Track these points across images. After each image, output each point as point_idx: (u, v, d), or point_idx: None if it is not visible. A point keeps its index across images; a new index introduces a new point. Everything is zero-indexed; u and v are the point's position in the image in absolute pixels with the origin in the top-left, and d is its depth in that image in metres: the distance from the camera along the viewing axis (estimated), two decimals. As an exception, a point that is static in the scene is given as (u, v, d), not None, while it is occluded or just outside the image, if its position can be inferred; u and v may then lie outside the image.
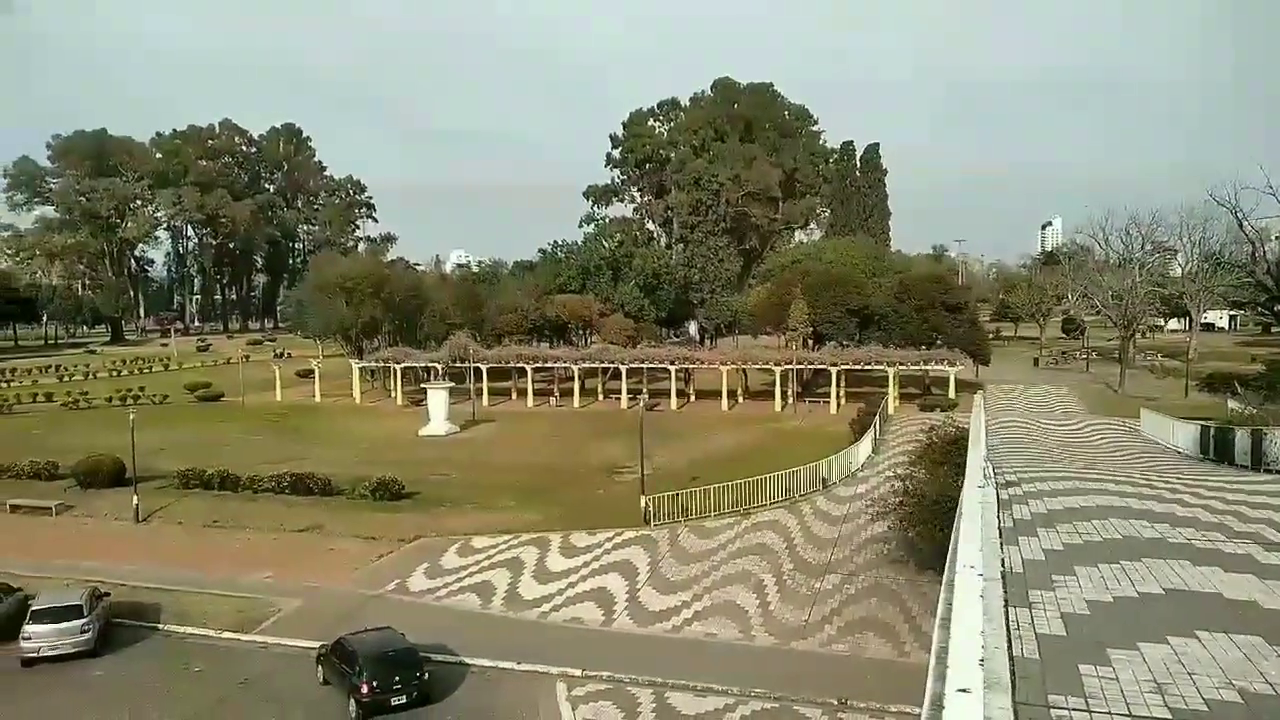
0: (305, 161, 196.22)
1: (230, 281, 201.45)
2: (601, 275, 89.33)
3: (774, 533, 33.73)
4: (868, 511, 32.62)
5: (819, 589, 28.41)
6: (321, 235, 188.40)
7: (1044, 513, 14.52)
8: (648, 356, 70.38)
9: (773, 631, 25.74)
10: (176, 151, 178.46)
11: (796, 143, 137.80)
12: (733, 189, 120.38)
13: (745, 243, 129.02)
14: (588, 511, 37.74)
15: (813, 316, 69.23)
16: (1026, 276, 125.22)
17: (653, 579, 30.05)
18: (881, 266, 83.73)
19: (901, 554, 29.39)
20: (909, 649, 23.81)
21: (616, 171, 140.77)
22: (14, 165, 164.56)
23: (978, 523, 10.32)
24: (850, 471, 41.76)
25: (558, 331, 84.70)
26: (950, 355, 64.61)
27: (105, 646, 25.93)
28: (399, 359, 75.18)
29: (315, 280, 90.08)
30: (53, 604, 25.86)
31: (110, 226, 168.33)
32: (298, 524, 37.17)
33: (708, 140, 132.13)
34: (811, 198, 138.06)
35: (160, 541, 36.03)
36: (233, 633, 27.05)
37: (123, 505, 39.13)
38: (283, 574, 31.58)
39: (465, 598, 29.34)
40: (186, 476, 42.33)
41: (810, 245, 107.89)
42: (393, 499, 39.55)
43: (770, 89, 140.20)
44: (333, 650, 23.07)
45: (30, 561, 32.87)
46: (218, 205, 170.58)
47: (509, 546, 33.58)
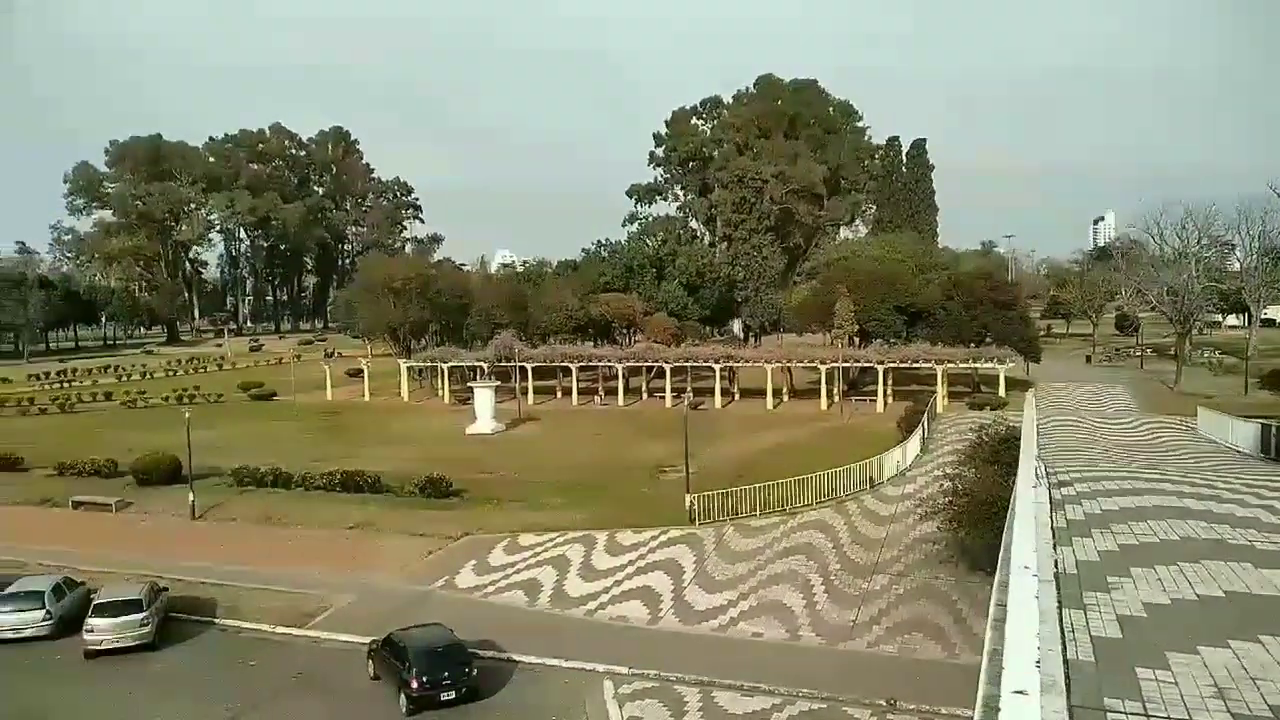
0: (353, 164, 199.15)
1: (281, 283, 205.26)
2: (645, 274, 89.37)
3: (820, 532, 33.52)
4: (916, 511, 32.28)
5: (867, 589, 28.19)
6: (369, 236, 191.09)
7: (1098, 513, 14.25)
8: (691, 355, 70.30)
9: (820, 632, 25.59)
10: (228, 155, 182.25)
11: (841, 139, 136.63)
12: (777, 186, 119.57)
13: (789, 240, 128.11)
14: (633, 510, 37.82)
15: (859, 314, 68.56)
16: (1078, 272, 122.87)
17: (699, 578, 30.04)
18: (929, 263, 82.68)
19: (950, 554, 29.04)
20: (959, 650, 23.53)
21: (659, 170, 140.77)
22: (74, 171, 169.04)
23: (1032, 523, 10.18)
24: (898, 471, 41.33)
25: (602, 330, 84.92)
26: (1000, 353, 63.67)
27: (163, 640, 26.62)
28: (446, 358, 76.01)
29: (364, 281, 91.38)
30: (114, 598, 26.62)
31: (166, 230, 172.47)
32: (348, 521, 37.77)
33: (751, 138, 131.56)
34: (856, 194, 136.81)
35: (215, 538, 36.84)
36: (286, 627, 27.59)
37: (179, 502, 40.07)
38: (334, 570, 32.11)
39: (512, 595, 29.58)
40: (241, 474, 43.19)
41: (856, 242, 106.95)
42: (441, 496, 39.98)
43: (814, 85, 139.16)
44: (383, 645, 23.43)
45: (92, 556, 33.85)
46: (269, 208, 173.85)
47: (555, 544, 33.79)
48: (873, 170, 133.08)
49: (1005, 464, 28.22)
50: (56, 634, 26.86)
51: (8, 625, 26.78)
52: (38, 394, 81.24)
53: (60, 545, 35.57)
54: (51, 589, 27.94)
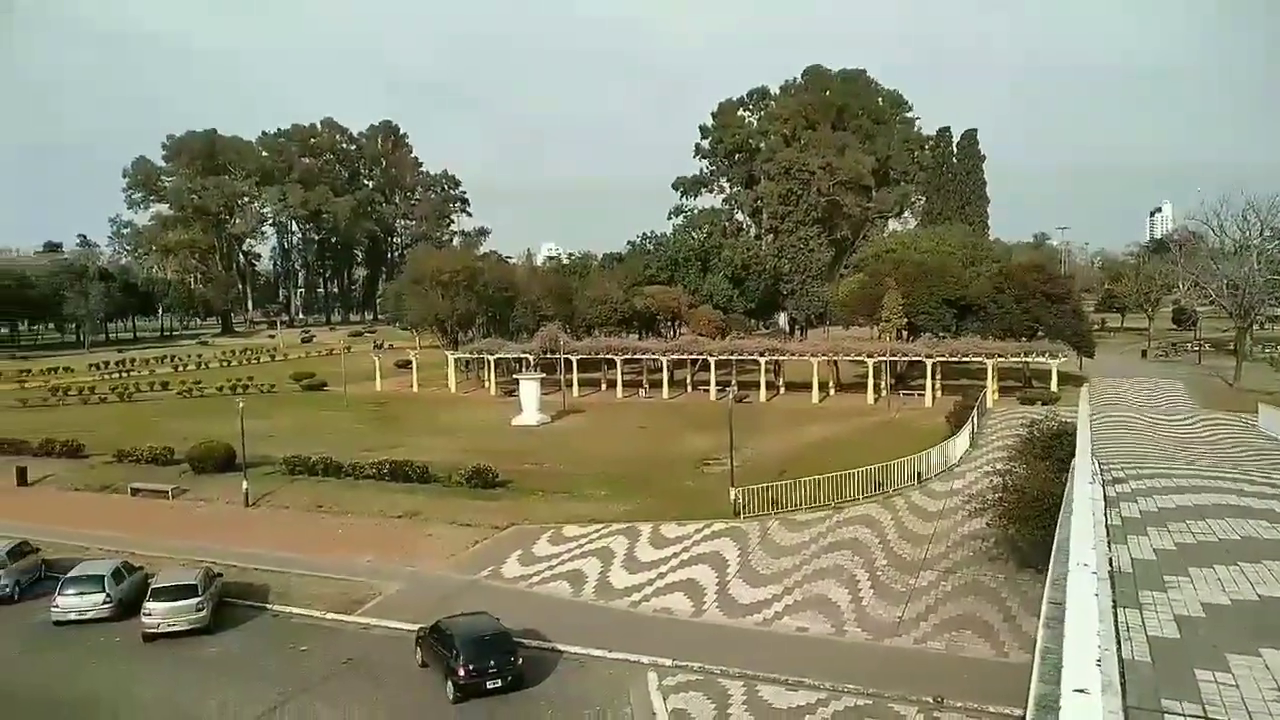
0: (403, 158, 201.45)
1: (332, 275, 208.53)
2: (690, 266, 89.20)
3: (867, 527, 33.22)
4: (965, 507, 31.83)
5: (914, 585, 27.88)
6: (418, 230, 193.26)
7: (1154, 511, 13.93)
8: (736, 348, 70.02)
9: (866, 627, 25.38)
10: (281, 150, 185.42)
11: (890, 130, 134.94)
12: (824, 178, 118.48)
13: (836, 232, 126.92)
14: (677, 502, 37.82)
15: (907, 307, 67.76)
16: (1134, 265, 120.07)
17: (743, 571, 29.96)
18: (979, 255, 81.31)
19: (1000, 551, 28.60)
20: (1008, 649, 23.18)
21: (705, 162, 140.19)
22: (132, 165, 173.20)
23: (1089, 519, 9.98)
24: (946, 466, 40.79)
25: (646, 323, 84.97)
26: (1052, 347, 62.56)
27: (218, 624, 27.25)
28: (492, 350, 76.65)
29: (412, 273, 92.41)
30: (170, 583, 27.32)
31: (220, 223, 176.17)
32: (397, 510, 38.29)
33: (798, 129, 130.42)
34: (906, 185, 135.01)
35: (268, 525, 37.61)
36: (336, 614, 28.07)
37: (233, 489, 40.95)
38: (383, 558, 32.60)
39: (557, 585, 29.77)
40: (292, 463, 43.99)
41: (904, 234, 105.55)
42: (487, 487, 40.35)
43: (863, 75, 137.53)
44: (431, 633, 23.73)
45: (149, 542, 34.77)
46: (320, 201, 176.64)
47: (599, 536, 33.93)
48: (922, 161, 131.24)
49: (1057, 460, 27.74)
50: (116, 617, 27.64)
51: (71, 608, 27.62)
52: (98, 383, 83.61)
53: (119, 531, 36.61)
54: (111, 573, 28.74)
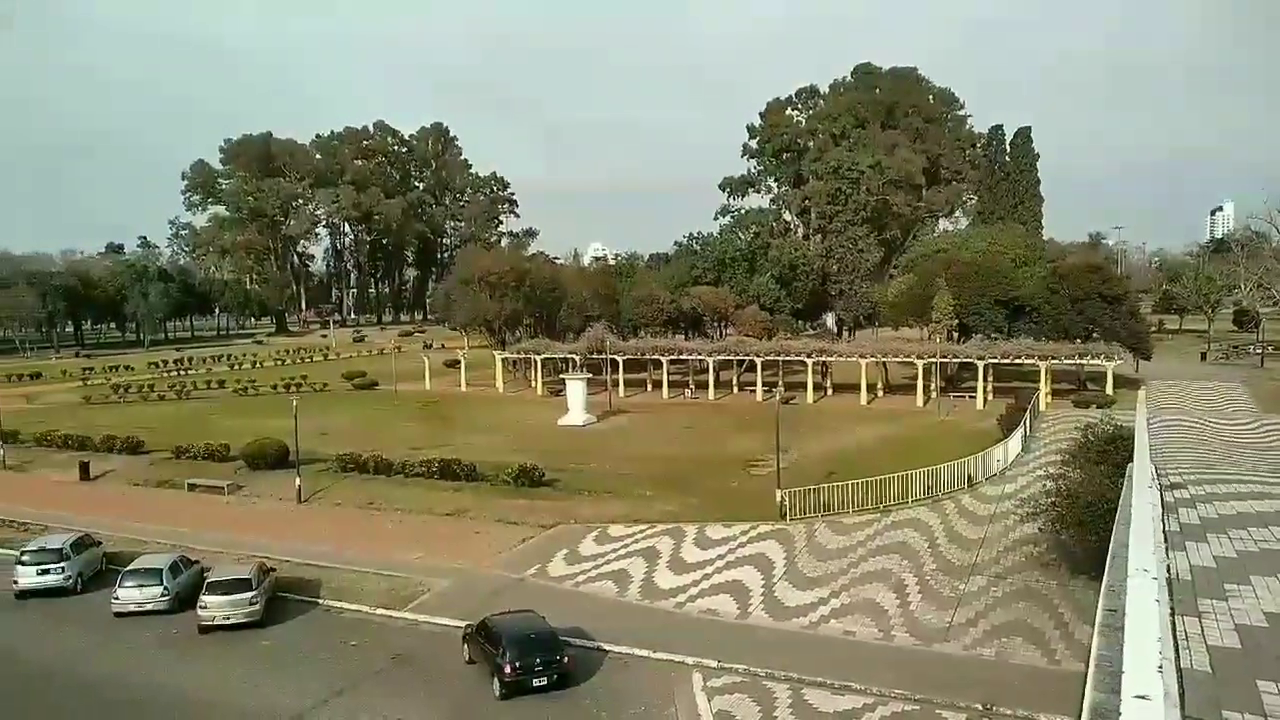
0: (452, 160, 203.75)
1: (383, 276, 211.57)
2: (737, 267, 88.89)
3: (915, 531, 32.83)
4: (1016, 512, 31.35)
5: (963, 590, 27.49)
6: (467, 231, 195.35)
7: (1214, 517, 13.58)
8: (783, 349, 69.60)
9: (914, 632, 25.08)
10: (334, 152, 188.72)
11: (941, 128, 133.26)
12: (873, 177, 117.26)
13: (886, 232, 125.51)
14: (723, 504, 37.71)
15: (958, 308, 66.81)
16: (1193, 265, 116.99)
17: (789, 574, 29.78)
18: (1032, 255, 79.85)
19: (1053, 557, 28.09)
20: (1060, 656, 22.75)
21: (753, 162, 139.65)
22: (191, 168, 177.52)
23: (1149, 524, 9.75)
24: (998, 470, 40.15)
25: (693, 324, 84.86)
26: (1108, 349, 61.21)
27: (271, 618, 27.78)
28: (539, 350, 77.13)
29: (461, 274, 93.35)
30: (225, 577, 27.93)
31: (275, 224, 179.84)
32: (445, 508, 38.72)
33: (848, 128, 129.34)
34: (957, 184, 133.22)
35: (320, 521, 38.26)
36: (385, 609, 28.47)
37: (286, 486, 41.73)
38: (431, 555, 32.98)
39: (603, 585, 29.86)
40: (344, 460, 44.70)
41: (956, 234, 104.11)
42: (533, 486, 40.61)
43: (914, 73, 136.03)
44: (478, 630, 23.96)
45: (205, 536, 35.59)
46: (372, 203, 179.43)
47: (645, 536, 33.96)
48: (974, 160, 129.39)
49: (1113, 464, 27.16)
50: (173, 609, 28.31)
51: (130, 600, 28.37)
52: (157, 381, 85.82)
53: (176, 525, 37.51)
54: (169, 567, 29.44)
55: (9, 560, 31.84)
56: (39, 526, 37.43)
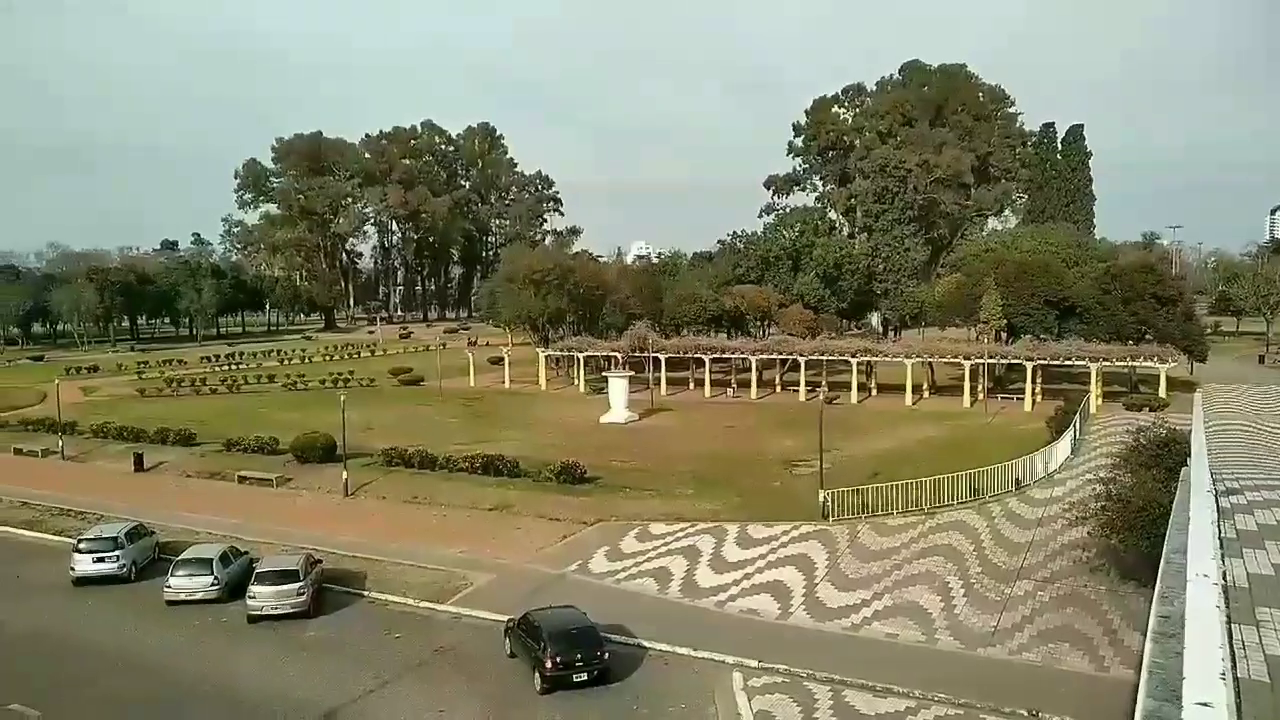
0: (498, 159, 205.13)
1: (429, 273, 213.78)
2: (781, 266, 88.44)
3: (961, 534, 32.39)
4: (1065, 516, 30.80)
5: (1009, 594, 27.07)
6: (512, 229, 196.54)
7: (1272, 524, 13.23)
8: (827, 348, 69.08)
9: (958, 636, 24.76)
10: (383, 151, 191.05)
11: (991, 126, 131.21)
12: (921, 175, 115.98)
13: (933, 231, 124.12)
14: (764, 503, 37.54)
15: (1006, 308, 65.80)
16: (1252, 265, 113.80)
17: (831, 575, 29.57)
18: (1084, 255, 78.52)
19: (1102, 562, 27.53)
20: (1108, 663, 22.31)
21: (798, 160, 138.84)
22: (243, 167, 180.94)
23: (1208, 529, 9.54)
24: (1046, 473, 39.46)
25: (735, 322, 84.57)
26: (1161, 351, 59.82)
27: (317, 608, 28.25)
28: (582, 348, 77.42)
29: (506, 272, 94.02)
30: (273, 568, 28.49)
31: (325, 222, 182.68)
32: (488, 503, 39.04)
33: (895, 125, 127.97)
34: (1007, 183, 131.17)
35: (365, 514, 38.79)
36: (429, 602, 28.80)
37: (333, 479, 42.38)
38: (474, 550, 33.28)
39: (643, 582, 29.90)
40: (389, 455, 45.29)
41: (1005, 233, 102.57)
42: (575, 482, 40.78)
43: (963, 70, 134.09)
44: (519, 624, 24.13)
45: (255, 527, 36.28)
46: (419, 201, 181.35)
47: (686, 534, 33.93)
48: (1025, 158, 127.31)
49: (1165, 469, 26.61)
50: (223, 598, 28.94)
51: (182, 589, 29.04)
52: (209, 375, 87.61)
53: (226, 516, 38.30)
54: (219, 557, 30.09)
55: (67, 548, 32.76)
56: (95, 516, 38.45)
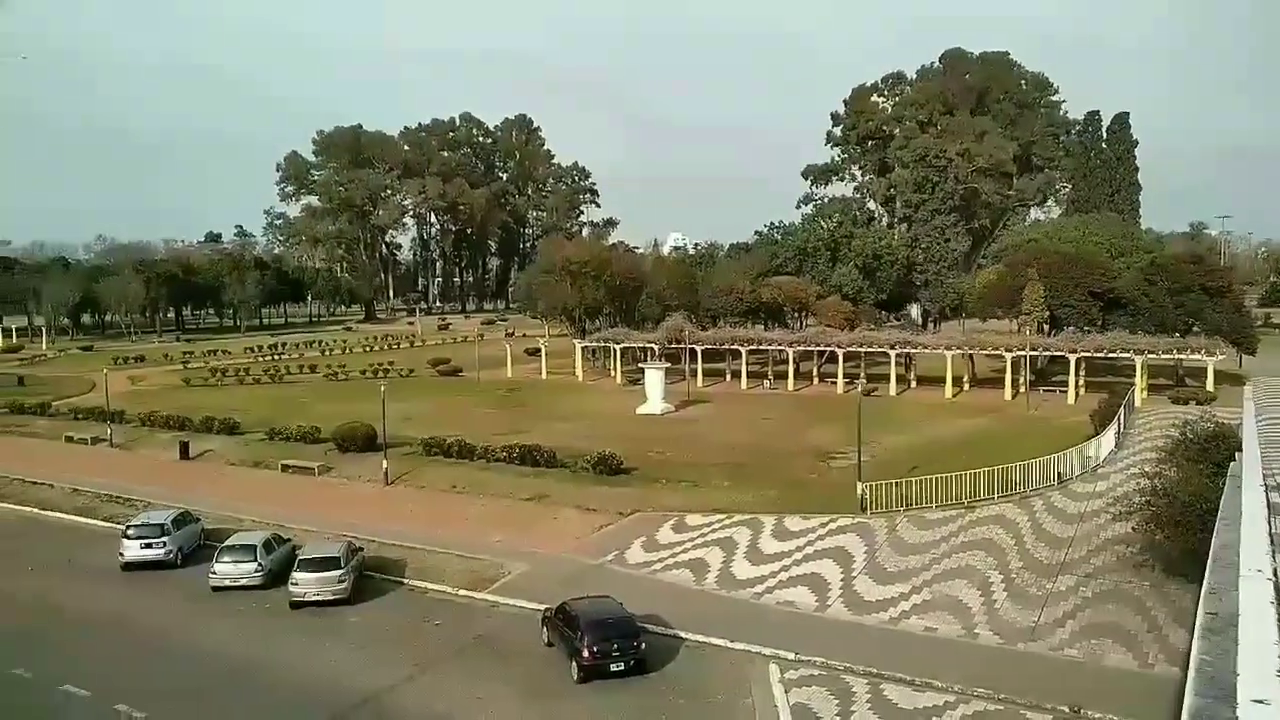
0: (535, 151, 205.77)
1: (467, 265, 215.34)
2: (819, 256, 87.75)
3: (1001, 528, 32.04)
4: (1109, 511, 30.35)
5: (1051, 590, 26.74)
6: (549, 220, 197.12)
7: (1324, 521, 12.92)
8: (866, 340, 68.54)
9: (998, 630, 24.52)
10: (421, 144, 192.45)
11: (1034, 114, 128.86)
12: (962, 165, 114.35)
13: (974, 221, 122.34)
14: (801, 495, 37.40)
15: (1049, 299, 64.79)
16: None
17: (869, 568, 29.40)
18: (1129, 246, 76.96)
19: (1146, 558, 27.10)
20: (1153, 660, 21.98)
21: (836, 150, 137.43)
22: (285, 160, 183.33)
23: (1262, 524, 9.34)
24: (1089, 467, 38.88)
25: (772, 314, 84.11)
26: (1208, 343, 58.56)
27: (358, 595, 28.67)
28: (618, 339, 77.53)
29: (543, 263, 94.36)
30: (315, 555, 28.97)
31: (364, 214, 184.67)
32: (525, 493, 39.29)
33: (935, 114, 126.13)
34: (1050, 172, 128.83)
35: (405, 503, 39.25)
36: (467, 591, 29.11)
37: (374, 468, 42.90)
38: (512, 539, 33.55)
39: (680, 573, 29.95)
40: (429, 445, 45.72)
41: (1048, 223, 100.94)
42: (611, 474, 40.88)
43: (1005, 58, 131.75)
44: (557, 614, 24.31)
45: (297, 515, 36.85)
46: (457, 194, 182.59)
47: (722, 526, 33.91)
48: (1069, 147, 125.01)
49: (1213, 463, 26.10)
50: (266, 585, 29.44)
51: (226, 575, 29.62)
52: (252, 365, 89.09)
53: (269, 504, 38.94)
54: (263, 544, 30.64)
55: (116, 534, 33.55)
56: (143, 502, 39.30)
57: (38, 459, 49.00)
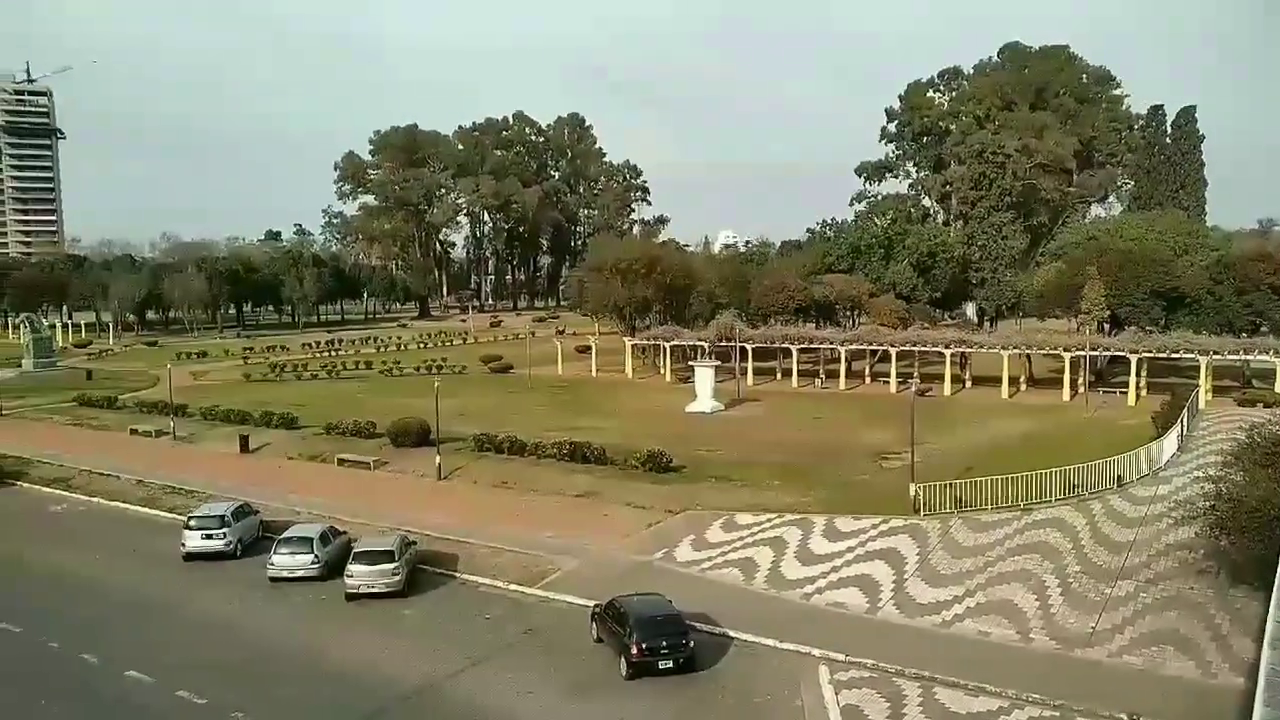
0: (587, 149, 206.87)
1: (519, 263, 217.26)
2: (872, 254, 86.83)
3: (1058, 531, 31.41)
4: (1171, 515, 29.57)
5: (1109, 595, 26.15)
6: (600, 218, 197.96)
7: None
8: (920, 339, 67.69)
9: (1054, 636, 24.04)
10: (475, 143, 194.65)
11: (1095, 109, 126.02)
12: (1020, 161, 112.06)
13: (1033, 218, 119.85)
14: (852, 496, 37.08)
15: (1110, 298, 63.34)
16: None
17: (921, 570, 29.04)
18: (1193, 243, 74.88)
19: (1210, 564, 26.36)
20: (1216, 669, 21.38)
21: (891, 146, 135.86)
22: (342, 159, 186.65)
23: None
24: (1151, 470, 37.93)
25: (824, 312, 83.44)
26: (1277, 344, 56.77)
27: (412, 588, 29.09)
28: (668, 337, 77.55)
29: (593, 261, 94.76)
30: (370, 548, 29.42)
31: (419, 213, 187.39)
32: (575, 489, 39.54)
33: (993, 110, 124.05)
34: (1111, 168, 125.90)
35: (457, 498, 39.72)
36: (519, 585, 29.37)
37: (427, 463, 43.47)
38: (562, 535, 33.73)
39: (729, 572, 29.87)
40: (481, 440, 46.24)
41: (1109, 220, 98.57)
42: (661, 471, 40.94)
43: (1065, 52, 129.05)
44: (606, 610, 24.42)
45: (352, 508, 37.48)
46: (510, 192, 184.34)
47: (772, 525, 33.73)
48: (1131, 142, 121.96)
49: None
50: (322, 576, 29.99)
51: (284, 566, 30.25)
52: (310, 361, 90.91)
53: (326, 497, 39.68)
54: (319, 536, 31.22)
55: (178, 525, 34.48)
56: (204, 494, 40.29)
57: (104, 451, 50.57)
